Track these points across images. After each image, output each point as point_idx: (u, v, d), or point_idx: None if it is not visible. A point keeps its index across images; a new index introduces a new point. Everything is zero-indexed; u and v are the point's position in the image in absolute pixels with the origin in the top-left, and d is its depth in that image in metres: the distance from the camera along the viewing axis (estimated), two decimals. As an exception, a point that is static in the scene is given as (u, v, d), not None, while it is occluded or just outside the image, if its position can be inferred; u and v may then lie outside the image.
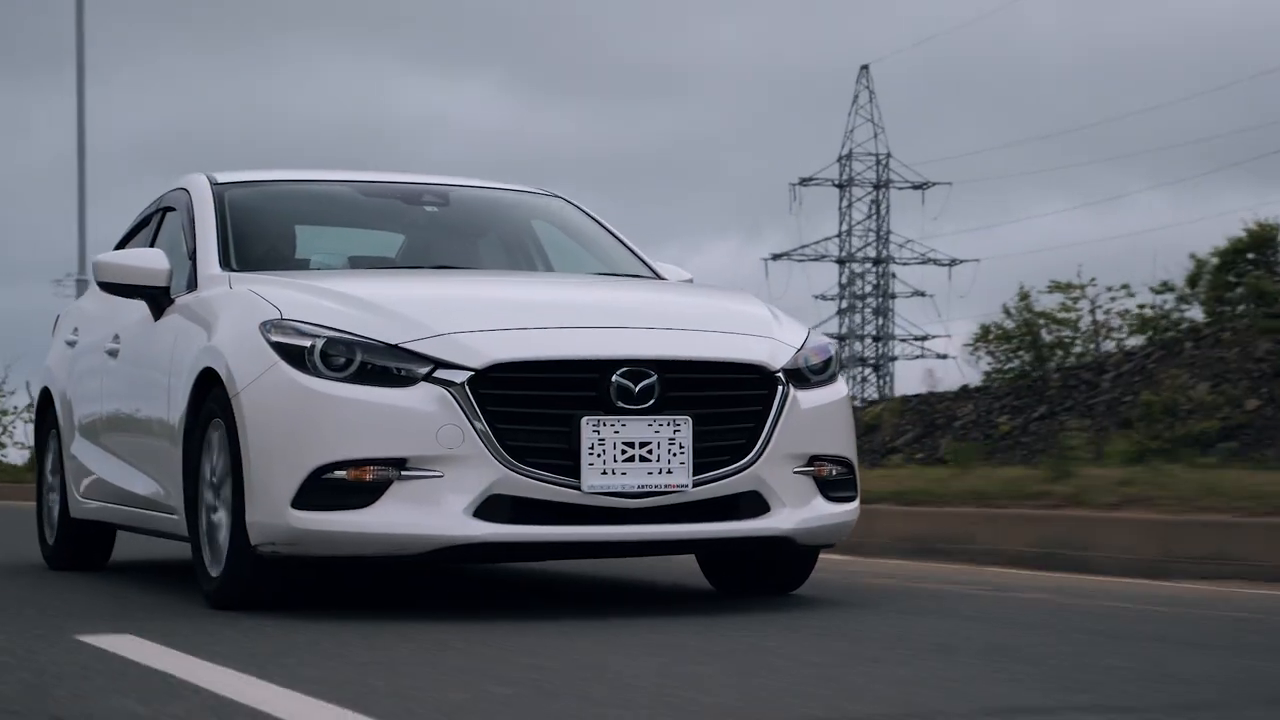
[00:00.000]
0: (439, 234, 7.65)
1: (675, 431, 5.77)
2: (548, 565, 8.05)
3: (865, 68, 79.12)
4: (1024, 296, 29.28)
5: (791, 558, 6.43)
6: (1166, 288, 32.75)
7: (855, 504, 6.34)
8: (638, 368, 5.77)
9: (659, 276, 7.46)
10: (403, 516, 5.64)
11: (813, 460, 6.12)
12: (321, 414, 5.70)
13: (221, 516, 6.06)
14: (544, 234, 7.91)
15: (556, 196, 8.02)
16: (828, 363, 6.30)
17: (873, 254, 77.70)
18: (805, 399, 6.11)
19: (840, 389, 6.36)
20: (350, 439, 5.66)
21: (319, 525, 5.68)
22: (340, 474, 5.66)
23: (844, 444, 6.29)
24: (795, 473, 6.05)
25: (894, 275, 78.41)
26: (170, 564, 8.98)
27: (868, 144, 77.90)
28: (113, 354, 7.60)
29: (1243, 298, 28.73)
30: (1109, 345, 28.03)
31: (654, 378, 5.78)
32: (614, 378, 5.74)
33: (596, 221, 7.85)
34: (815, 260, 79.17)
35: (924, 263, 77.59)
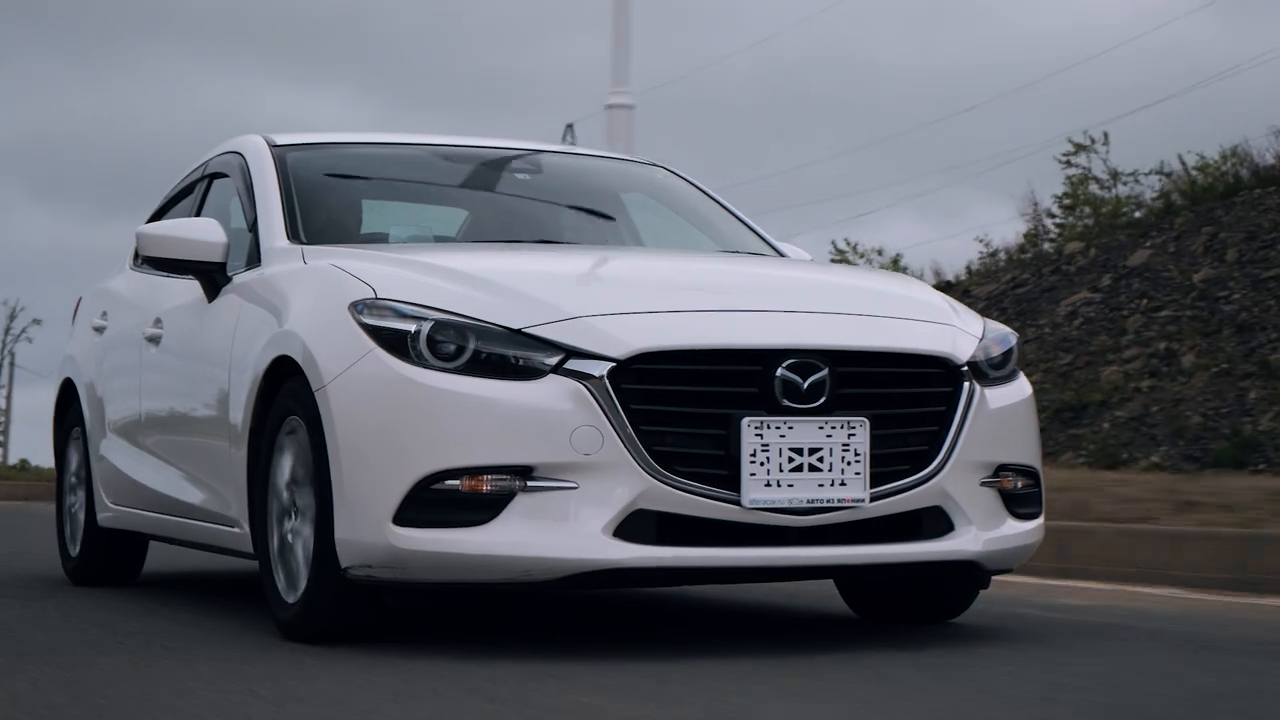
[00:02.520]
0: (519, 206, 6.69)
1: (850, 436, 4.83)
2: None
3: (570, 126, 78.62)
4: None
5: (963, 581, 5.49)
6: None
7: (1040, 521, 5.40)
8: (806, 359, 4.83)
9: (782, 256, 6.53)
10: (528, 536, 4.69)
11: (998, 470, 5.19)
12: (429, 412, 4.74)
13: (300, 532, 5.11)
14: (640, 208, 6.97)
15: (658, 166, 7.07)
16: (1008, 355, 5.37)
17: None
18: (992, 398, 5.17)
19: (1025, 387, 5.43)
20: (465, 442, 4.71)
21: (426, 545, 4.72)
22: (453, 484, 4.70)
23: (1031, 452, 5.36)
24: (981, 485, 5.12)
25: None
26: (200, 577, 8.02)
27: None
28: (154, 341, 6.64)
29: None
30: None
31: (825, 371, 4.84)
32: (779, 371, 4.80)
33: (706, 194, 6.90)
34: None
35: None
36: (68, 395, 7.77)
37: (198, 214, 6.86)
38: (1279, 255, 16.89)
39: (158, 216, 7.44)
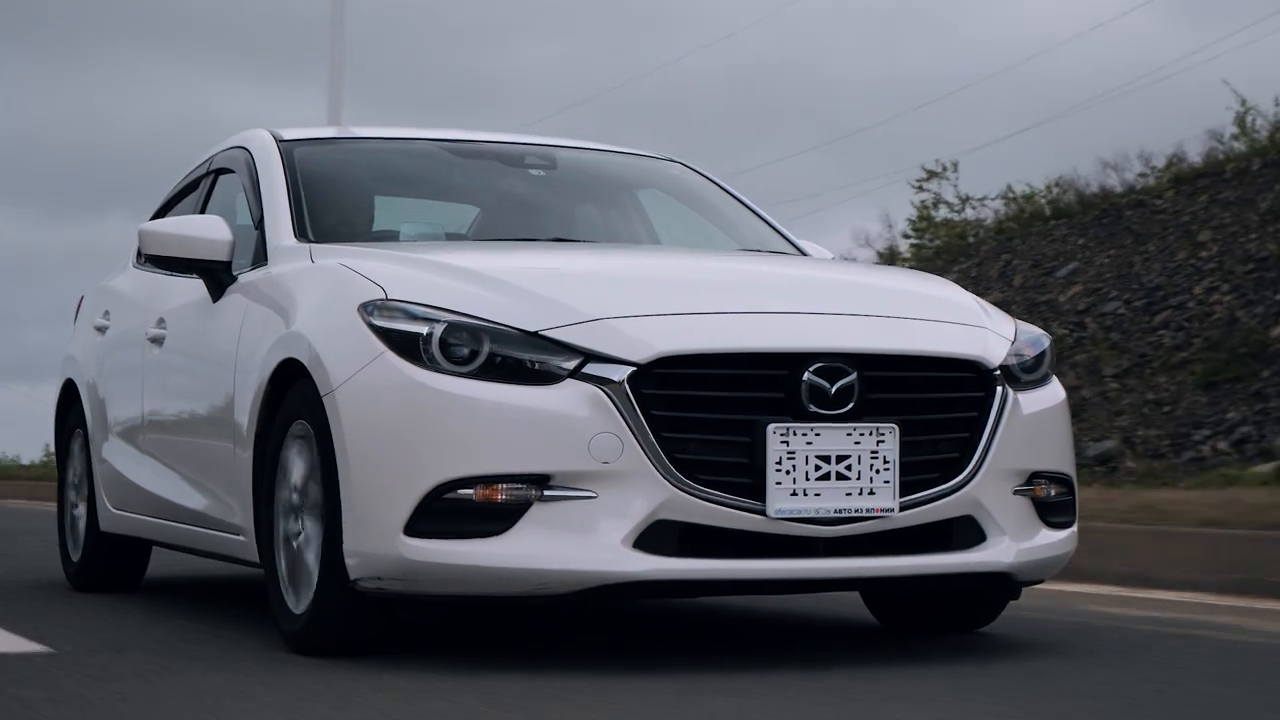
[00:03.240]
0: (532, 202, 6.50)
1: (879, 443, 4.64)
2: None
3: None
4: None
5: (994, 593, 5.31)
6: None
7: (1074, 530, 5.22)
8: (834, 363, 4.64)
9: (804, 255, 6.33)
10: (545, 547, 4.50)
11: (1032, 478, 5.00)
12: (442, 418, 4.55)
13: (307, 541, 4.93)
14: (655, 204, 6.78)
15: (674, 161, 6.88)
16: (1040, 358, 5.18)
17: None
18: (1025, 403, 4.98)
19: (1058, 391, 5.24)
20: (479, 450, 4.52)
21: (438, 557, 4.54)
22: (466, 493, 4.52)
23: (1065, 458, 5.17)
24: (1014, 493, 4.93)
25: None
26: (204, 583, 7.85)
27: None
28: (157, 341, 6.45)
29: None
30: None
31: (853, 376, 4.65)
32: (806, 376, 4.61)
33: (724, 189, 6.71)
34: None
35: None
36: (69, 396, 7.60)
37: (202, 211, 6.68)
38: (1055, 282, 18.59)
39: (161, 213, 7.26)
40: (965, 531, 4.82)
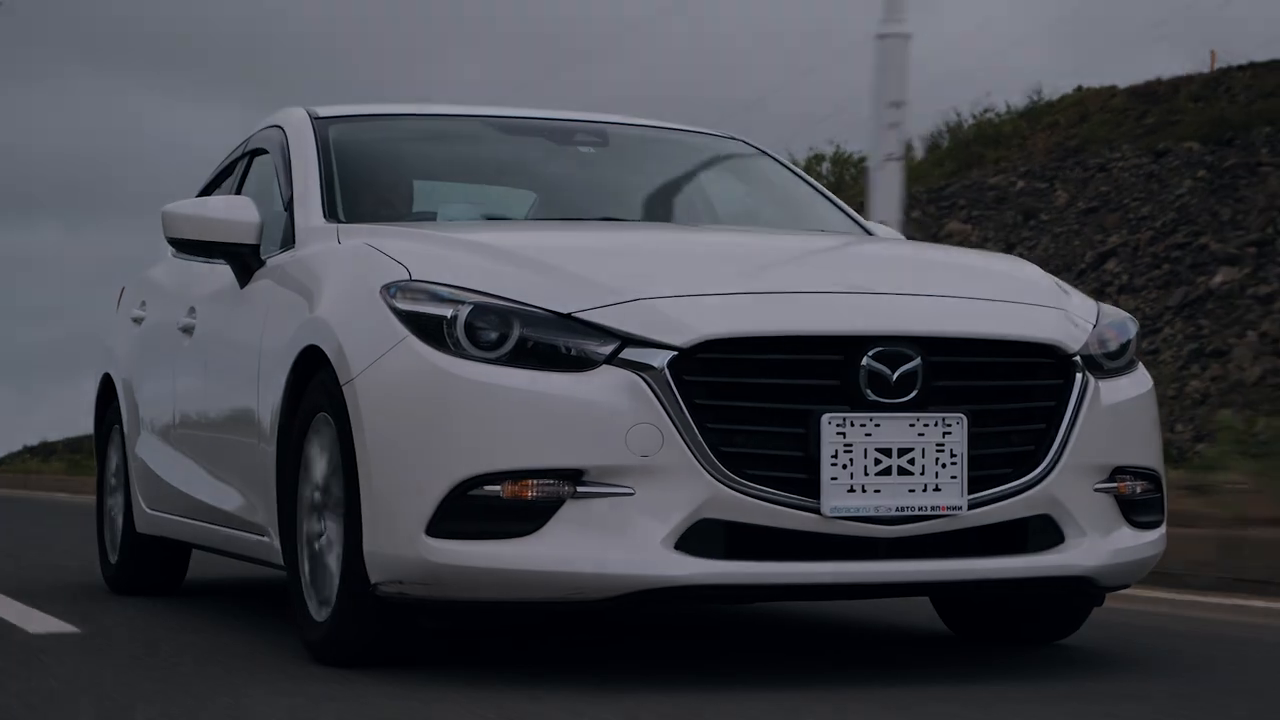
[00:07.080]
0: (588, 182, 6.12)
1: (945, 434, 4.23)
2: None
3: None
4: None
5: (1075, 598, 4.89)
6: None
7: (1162, 530, 4.79)
8: (896, 347, 4.24)
9: (871, 235, 5.92)
10: (578, 548, 4.12)
11: (1115, 473, 4.57)
12: (468, 408, 4.19)
13: (329, 544, 4.58)
14: (717, 185, 6.39)
15: (736, 139, 6.48)
16: (1126, 345, 4.75)
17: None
18: (1108, 391, 4.56)
19: (1145, 379, 4.81)
20: (506, 442, 4.15)
21: (462, 559, 4.17)
22: (493, 490, 4.14)
23: (1152, 453, 4.75)
24: (1095, 490, 4.51)
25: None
26: (243, 585, 7.52)
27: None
28: (187, 331, 6.13)
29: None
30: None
31: (917, 361, 4.24)
32: (864, 361, 4.21)
33: (789, 169, 6.31)
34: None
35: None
36: (107, 391, 7.29)
37: (237, 193, 6.34)
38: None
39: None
40: (1041, 532, 4.41)
